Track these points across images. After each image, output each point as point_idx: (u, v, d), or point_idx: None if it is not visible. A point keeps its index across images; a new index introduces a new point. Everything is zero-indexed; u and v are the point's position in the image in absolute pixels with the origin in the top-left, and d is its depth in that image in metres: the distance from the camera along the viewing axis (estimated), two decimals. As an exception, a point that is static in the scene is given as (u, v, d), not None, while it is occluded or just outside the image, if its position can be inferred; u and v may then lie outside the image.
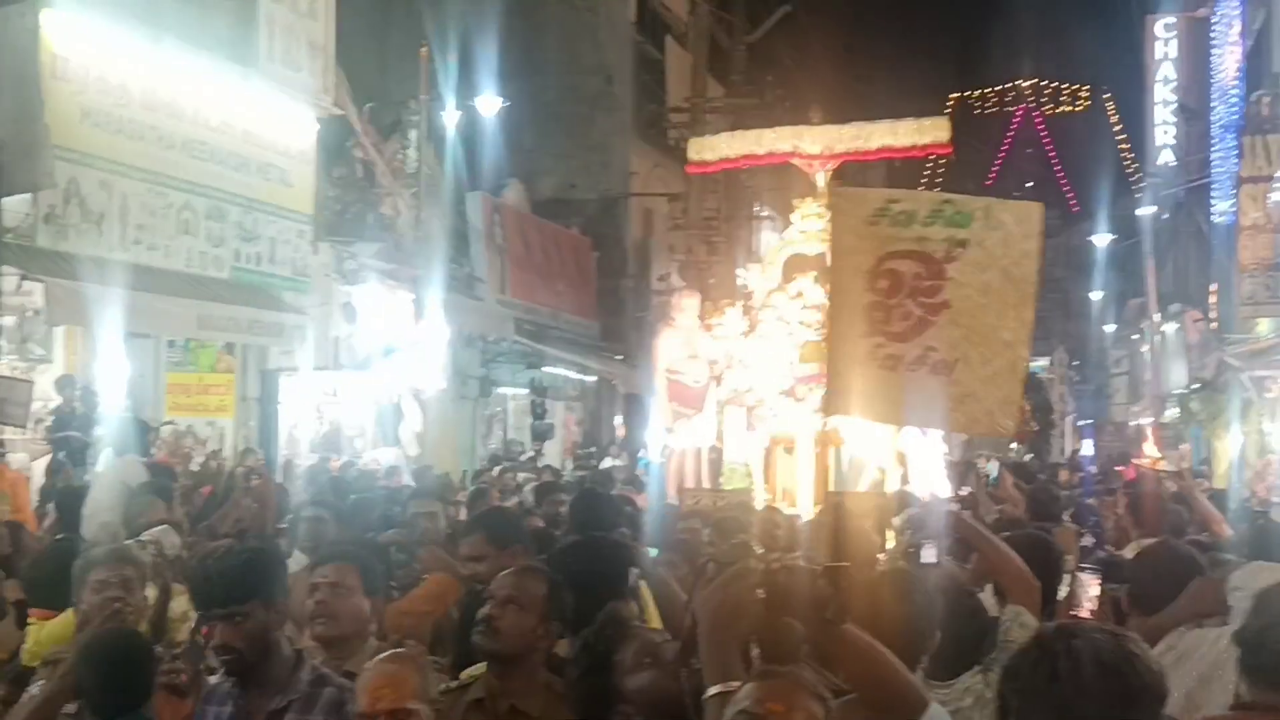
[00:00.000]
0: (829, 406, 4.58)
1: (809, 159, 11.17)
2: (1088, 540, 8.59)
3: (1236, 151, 23.05)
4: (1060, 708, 2.37)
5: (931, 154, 11.61)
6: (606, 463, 19.71)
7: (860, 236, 4.53)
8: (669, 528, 8.47)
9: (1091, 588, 7.55)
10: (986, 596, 5.15)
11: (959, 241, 4.38)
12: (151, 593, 5.11)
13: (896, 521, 6.71)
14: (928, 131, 11.17)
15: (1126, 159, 52.22)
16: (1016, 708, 2.43)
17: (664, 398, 11.18)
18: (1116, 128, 55.15)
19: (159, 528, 7.24)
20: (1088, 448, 37.23)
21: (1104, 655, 2.39)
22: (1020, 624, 4.22)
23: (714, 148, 11.85)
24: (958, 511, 5.52)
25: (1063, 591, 5.98)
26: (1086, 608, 6.29)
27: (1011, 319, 4.47)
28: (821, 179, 11.18)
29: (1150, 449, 13.67)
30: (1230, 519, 8.29)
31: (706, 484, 10.88)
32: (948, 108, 57.44)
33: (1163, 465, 12.43)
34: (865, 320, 4.45)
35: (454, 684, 3.98)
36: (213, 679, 4.22)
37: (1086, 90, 67.10)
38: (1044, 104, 72.55)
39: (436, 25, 21.41)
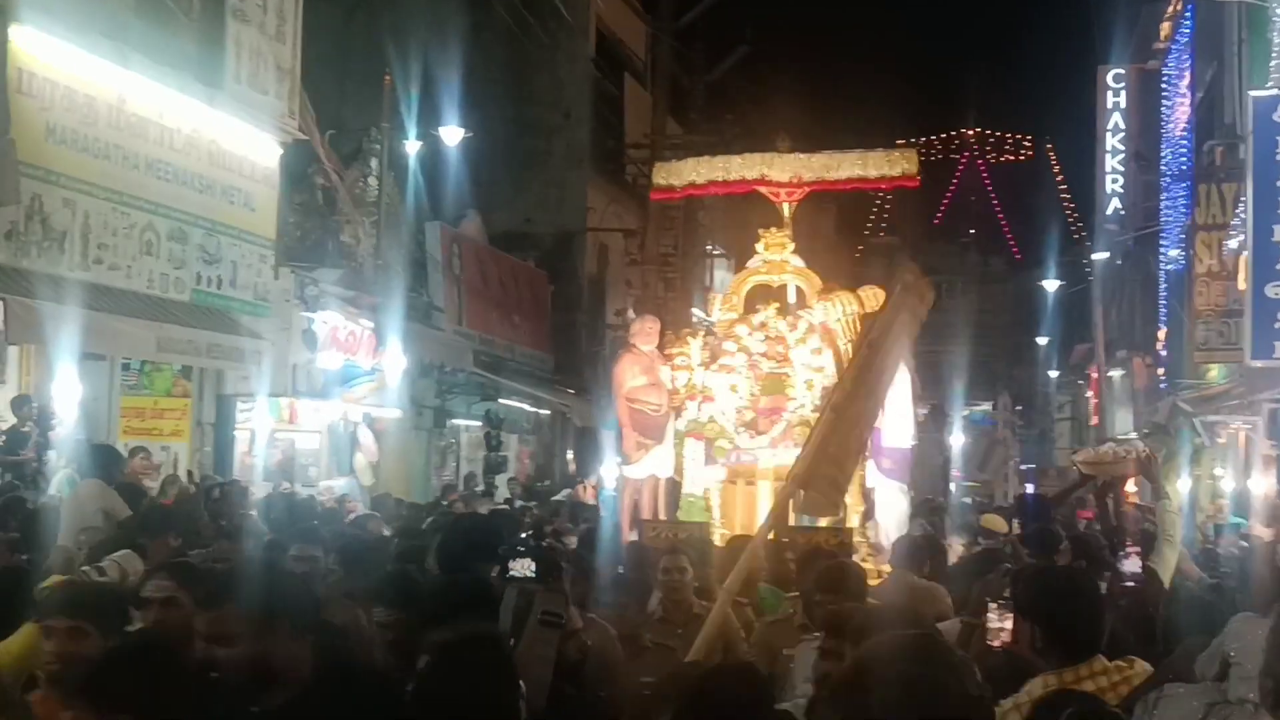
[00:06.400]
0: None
1: (777, 187, 11.08)
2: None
3: (1186, 200, 23.47)
4: None
5: (900, 186, 11.52)
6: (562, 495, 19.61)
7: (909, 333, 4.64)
8: (637, 563, 8.39)
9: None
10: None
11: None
12: None
13: None
14: (897, 163, 11.14)
15: (1068, 208, 53.01)
16: None
17: (627, 425, 11.01)
18: (1059, 177, 55.98)
19: (123, 552, 7.09)
20: (1030, 491, 37.58)
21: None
22: None
23: (680, 174, 11.63)
24: None
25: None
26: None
27: (875, 392, 4.97)
28: (787, 209, 11.14)
29: (1130, 486, 13.81)
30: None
31: (664, 516, 10.77)
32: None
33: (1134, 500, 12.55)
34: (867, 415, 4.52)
35: None
36: None
37: (1030, 140, 68.15)
38: (989, 152, 73.52)
39: (397, 55, 21.37)
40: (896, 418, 10.39)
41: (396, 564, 6.73)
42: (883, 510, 10.54)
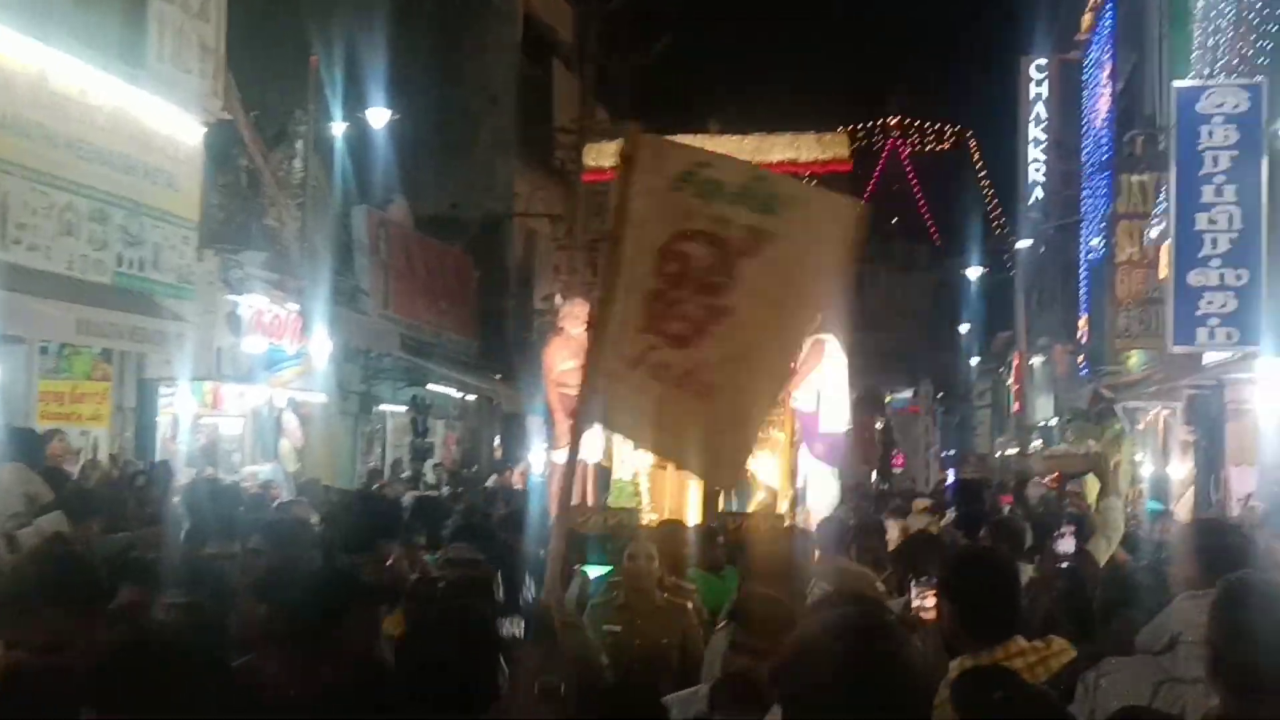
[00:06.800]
0: (583, 415, 3.77)
1: None
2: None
3: (1107, 189, 23.83)
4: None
5: (832, 171, 11.51)
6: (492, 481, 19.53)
7: (658, 204, 3.57)
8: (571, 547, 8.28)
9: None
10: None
11: (761, 232, 3.41)
12: None
13: None
14: (829, 147, 11.17)
15: (990, 197, 53.71)
16: None
17: (557, 410, 10.89)
18: (980, 167, 56.72)
19: (52, 514, 6.98)
20: (950, 478, 37.97)
21: None
22: None
23: (612, 155, 11.54)
24: None
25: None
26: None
27: (787, 342, 3.61)
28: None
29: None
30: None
31: (591, 501, 10.68)
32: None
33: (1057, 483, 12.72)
34: (643, 313, 3.52)
35: None
36: None
37: (953, 129, 68.89)
38: (912, 141, 74.19)
39: (321, 37, 21.11)
40: (831, 402, 10.39)
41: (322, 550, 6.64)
42: (814, 495, 10.49)
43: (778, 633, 4.32)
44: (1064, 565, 5.77)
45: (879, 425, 30.33)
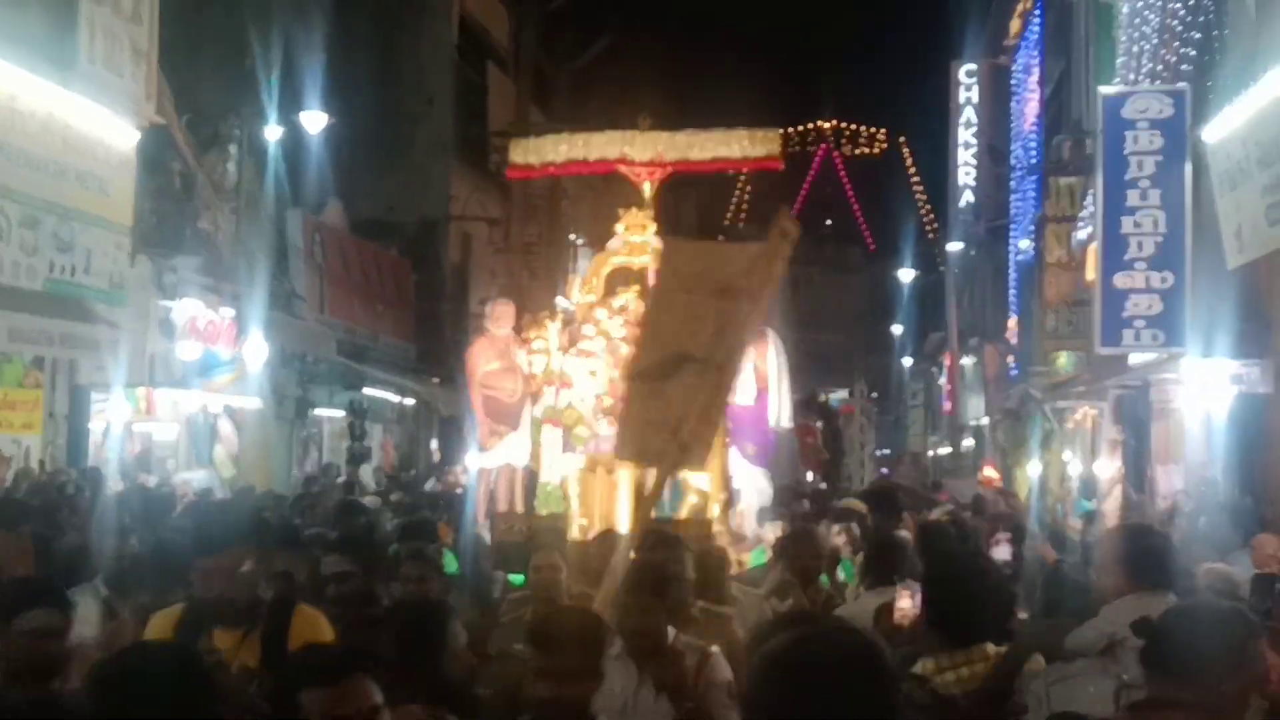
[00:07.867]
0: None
1: (638, 167, 10.94)
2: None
3: (1035, 193, 24.21)
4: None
5: (763, 168, 11.32)
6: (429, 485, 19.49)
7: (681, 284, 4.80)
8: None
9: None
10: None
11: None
12: None
13: None
14: (760, 144, 10.98)
15: (922, 200, 54.25)
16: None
17: (481, 412, 10.76)
18: (912, 170, 57.27)
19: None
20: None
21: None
22: None
23: (539, 152, 11.21)
24: None
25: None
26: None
27: (732, 344, 5.03)
28: (649, 189, 11.03)
29: (990, 471, 14.22)
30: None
31: (520, 507, 10.55)
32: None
33: (998, 484, 12.91)
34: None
35: None
36: None
37: (884, 133, 69.47)
38: (845, 145, 74.68)
39: (256, 40, 20.97)
40: (776, 396, 10.34)
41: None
42: (747, 498, 10.46)
43: (583, 650, 4.01)
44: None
45: (819, 424, 30.61)
